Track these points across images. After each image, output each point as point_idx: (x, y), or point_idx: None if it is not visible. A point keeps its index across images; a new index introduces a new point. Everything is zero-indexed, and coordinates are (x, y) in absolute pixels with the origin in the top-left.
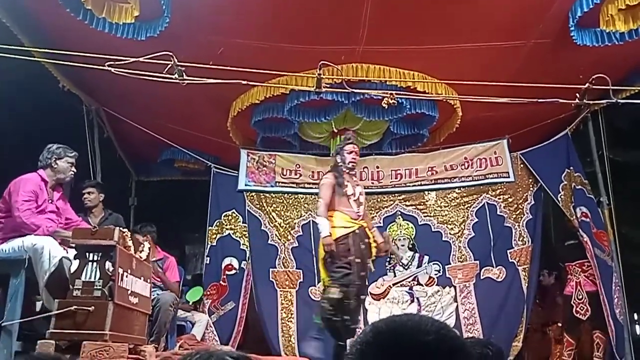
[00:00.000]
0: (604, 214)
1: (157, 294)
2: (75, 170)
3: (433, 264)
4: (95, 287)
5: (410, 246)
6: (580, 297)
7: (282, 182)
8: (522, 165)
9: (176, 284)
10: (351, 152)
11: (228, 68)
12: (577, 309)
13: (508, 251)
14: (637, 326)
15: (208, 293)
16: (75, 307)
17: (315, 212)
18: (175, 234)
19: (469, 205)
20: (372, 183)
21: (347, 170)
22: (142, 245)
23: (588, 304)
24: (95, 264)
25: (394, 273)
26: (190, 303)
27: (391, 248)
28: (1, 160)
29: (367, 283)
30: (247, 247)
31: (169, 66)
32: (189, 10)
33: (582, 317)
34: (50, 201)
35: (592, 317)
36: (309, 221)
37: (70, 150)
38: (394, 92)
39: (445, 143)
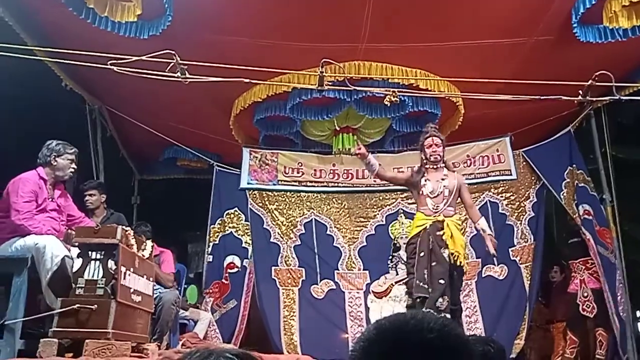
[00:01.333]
0: (607, 211)
1: (160, 292)
2: (75, 167)
3: None
4: (98, 286)
5: None
6: (586, 294)
7: (285, 181)
8: (524, 163)
9: (170, 275)
10: (430, 146)
11: (230, 66)
12: (584, 306)
13: (510, 249)
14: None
15: (210, 291)
16: (78, 305)
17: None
18: (178, 232)
19: None
20: (374, 181)
21: (431, 165)
22: (144, 244)
23: (593, 302)
24: (97, 262)
25: (396, 271)
26: (194, 303)
27: (488, 247)
28: (3, 159)
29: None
30: (249, 246)
31: (171, 64)
32: (191, 8)
33: (590, 315)
34: (50, 199)
35: (596, 315)
36: (312, 219)
37: (70, 147)
38: (396, 89)
39: (447, 141)
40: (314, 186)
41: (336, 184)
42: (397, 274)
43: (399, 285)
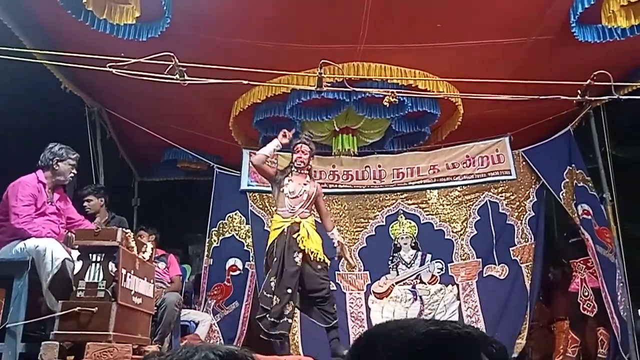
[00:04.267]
0: (607, 210)
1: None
2: (75, 172)
3: (435, 262)
4: (98, 288)
5: (413, 245)
6: (587, 294)
7: None
8: (524, 163)
9: (179, 277)
10: (299, 152)
11: (229, 68)
12: (584, 305)
13: (510, 249)
14: None
15: (213, 293)
16: (79, 308)
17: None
18: (178, 234)
19: (471, 203)
20: (374, 182)
21: (296, 170)
22: (145, 246)
23: (594, 301)
24: (98, 264)
25: (397, 272)
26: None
27: (343, 254)
28: (4, 162)
29: (296, 276)
30: (250, 248)
31: (170, 66)
32: (189, 10)
33: (590, 314)
34: (50, 203)
35: (597, 314)
36: None
37: (72, 152)
38: (395, 90)
39: (447, 141)
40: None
41: (336, 185)
42: (398, 275)
43: (400, 286)
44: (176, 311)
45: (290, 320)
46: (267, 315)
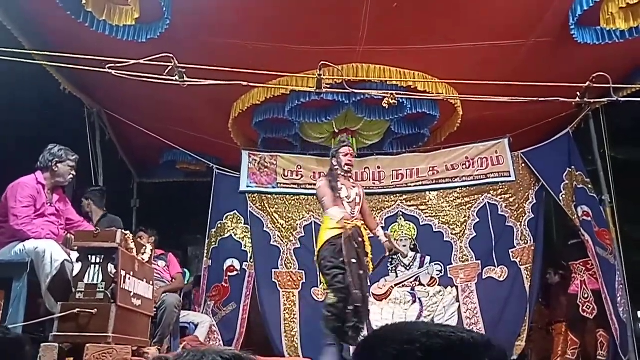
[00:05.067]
0: (606, 212)
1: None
2: (74, 174)
3: (435, 264)
4: (98, 290)
5: (412, 247)
6: (586, 295)
7: (284, 183)
8: (523, 165)
9: (180, 274)
10: (347, 155)
11: (228, 69)
12: (584, 307)
13: (510, 251)
14: None
15: (211, 294)
16: (78, 309)
17: (324, 210)
18: (178, 236)
19: (470, 205)
20: (374, 183)
21: (343, 174)
22: (144, 247)
23: (594, 303)
24: (97, 266)
25: (396, 274)
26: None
27: (394, 246)
28: (3, 163)
29: (368, 281)
30: (249, 249)
31: (170, 68)
32: (189, 11)
33: (589, 316)
34: (49, 204)
35: (596, 316)
36: (311, 222)
37: (72, 154)
38: (394, 92)
39: (446, 143)
40: (313, 189)
41: None
42: (397, 277)
43: (399, 288)
44: (175, 313)
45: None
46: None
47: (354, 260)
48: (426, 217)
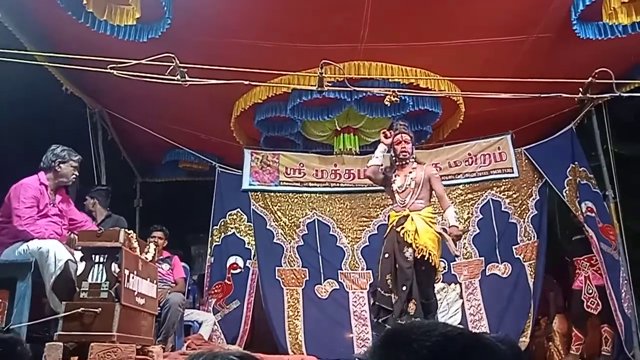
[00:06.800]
0: (610, 207)
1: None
2: (77, 174)
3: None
4: (102, 289)
5: None
6: (590, 291)
7: (286, 181)
8: (526, 161)
9: (182, 280)
10: (399, 143)
11: (230, 68)
12: (588, 303)
13: (513, 247)
14: None
15: (213, 292)
16: (83, 309)
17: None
18: (181, 235)
19: (474, 201)
20: None
21: (400, 162)
22: (147, 247)
23: (598, 299)
24: (101, 265)
25: None
26: None
27: (447, 240)
28: (5, 164)
29: (411, 275)
30: (252, 246)
31: (171, 67)
32: (190, 10)
33: (594, 312)
34: (52, 204)
35: (601, 311)
36: (314, 220)
37: (75, 154)
38: (396, 89)
39: (448, 139)
40: (315, 187)
41: (338, 184)
42: None
43: None
44: (180, 311)
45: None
46: (392, 316)
47: (387, 256)
48: None
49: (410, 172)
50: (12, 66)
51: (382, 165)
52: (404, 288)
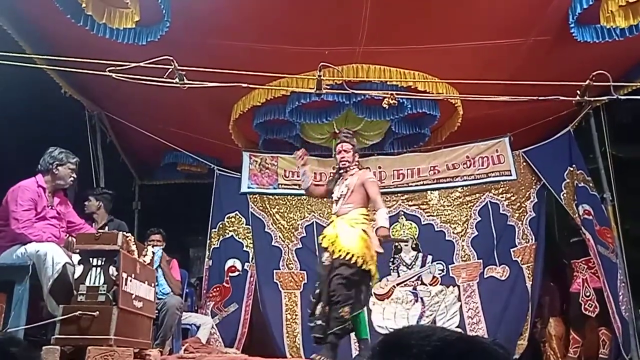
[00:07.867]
0: (608, 210)
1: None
2: (75, 177)
3: (436, 263)
4: (99, 292)
5: (414, 246)
6: (588, 294)
7: (285, 184)
8: (524, 164)
9: (178, 282)
10: (339, 152)
11: (229, 71)
12: (586, 306)
13: (511, 250)
14: None
15: (211, 295)
16: (80, 312)
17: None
18: (179, 238)
19: (472, 204)
20: None
21: (341, 171)
22: (145, 250)
23: (596, 301)
24: (99, 268)
25: (398, 273)
26: None
27: (387, 240)
28: (3, 167)
29: (323, 277)
30: (250, 249)
31: (170, 70)
32: (189, 14)
33: (591, 314)
34: (50, 207)
35: (598, 314)
36: (312, 222)
37: (72, 156)
38: (394, 92)
39: (447, 142)
40: None
41: None
42: (399, 276)
43: (401, 287)
44: (177, 315)
45: (320, 322)
46: (309, 318)
47: (318, 261)
48: (427, 216)
49: (345, 180)
50: (10, 69)
51: (309, 183)
52: (316, 291)
